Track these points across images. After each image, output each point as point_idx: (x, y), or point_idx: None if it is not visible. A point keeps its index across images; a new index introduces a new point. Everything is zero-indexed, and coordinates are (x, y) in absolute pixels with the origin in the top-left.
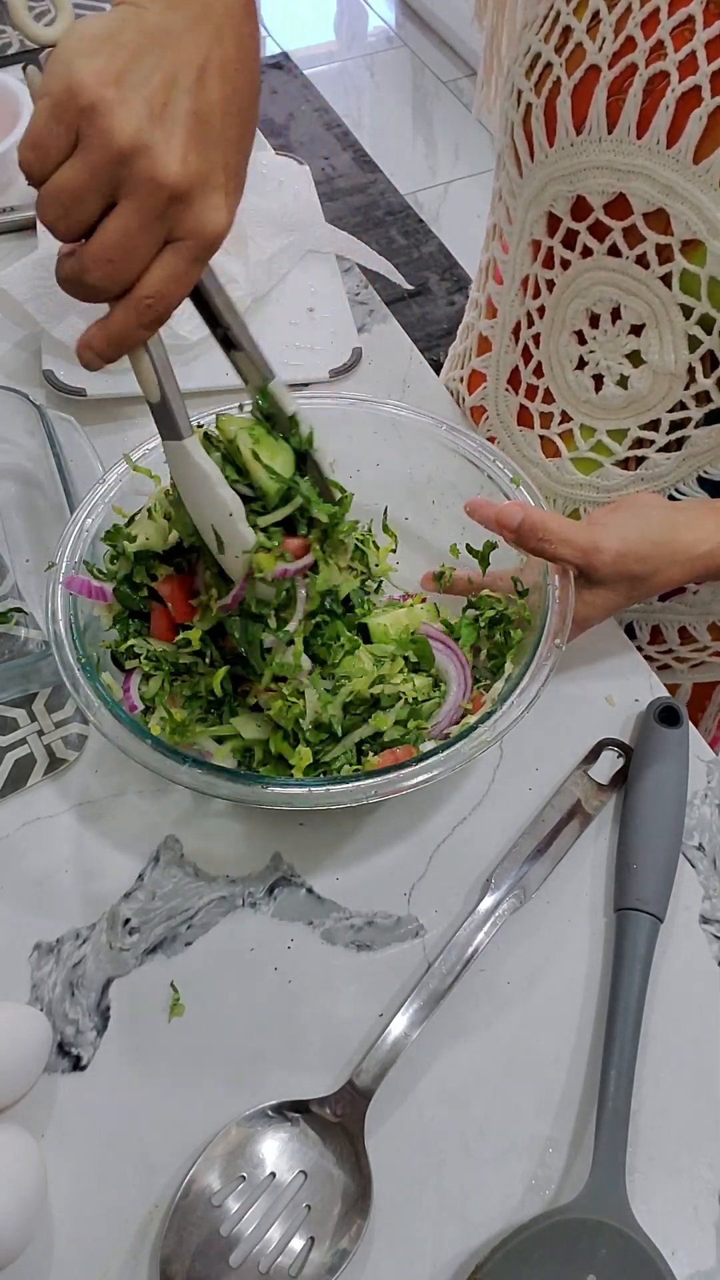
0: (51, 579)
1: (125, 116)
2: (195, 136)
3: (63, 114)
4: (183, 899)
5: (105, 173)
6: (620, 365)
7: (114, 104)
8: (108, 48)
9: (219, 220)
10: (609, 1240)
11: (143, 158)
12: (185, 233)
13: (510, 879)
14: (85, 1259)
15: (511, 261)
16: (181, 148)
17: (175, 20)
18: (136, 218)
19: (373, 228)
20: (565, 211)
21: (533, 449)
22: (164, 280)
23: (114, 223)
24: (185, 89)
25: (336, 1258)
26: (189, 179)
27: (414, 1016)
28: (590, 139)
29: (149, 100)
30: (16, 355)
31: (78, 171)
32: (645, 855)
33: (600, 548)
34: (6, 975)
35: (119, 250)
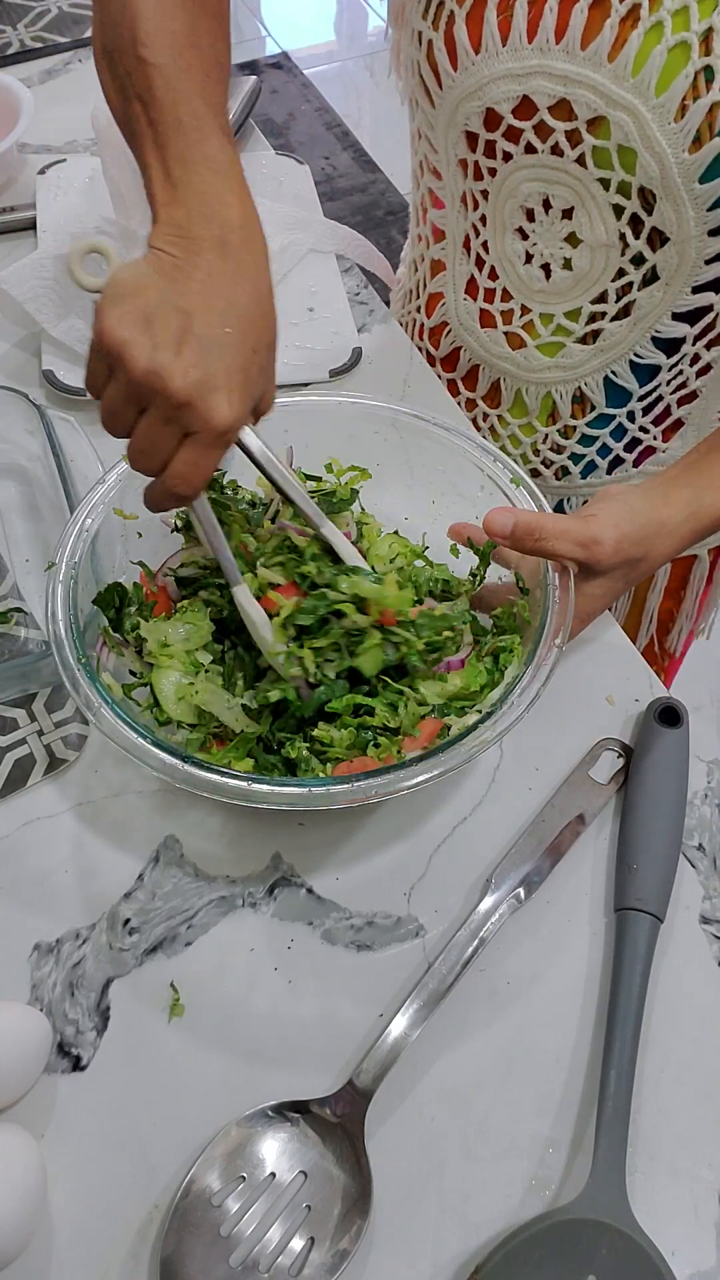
0: (51, 579)
1: (138, 351)
2: (198, 353)
3: (100, 353)
4: (183, 899)
5: (131, 393)
6: (561, 249)
7: (130, 342)
8: (129, 295)
9: (222, 414)
10: (609, 1240)
11: (153, 379)
12: (196, 428)
13: (510, 879)
14: (85, 1259)
15: (446, 185)
16: (182, 364)
17: (184, 257)
18: (155, 422)
19: (373, 228)
20: (479, 126)
21: (499, 346)
22: (184, 464)
23: (141, 426)
24: (191, 314)
25: (336, 1258)
26: (190, 387)
27: (414, 1016)
28: (488, 54)
29: (158, 333)
30: (16, 355)
31: (114, 394)
32: (645, 855)
33: (599, 539)
34: (6, 975)
35: (146, 445)
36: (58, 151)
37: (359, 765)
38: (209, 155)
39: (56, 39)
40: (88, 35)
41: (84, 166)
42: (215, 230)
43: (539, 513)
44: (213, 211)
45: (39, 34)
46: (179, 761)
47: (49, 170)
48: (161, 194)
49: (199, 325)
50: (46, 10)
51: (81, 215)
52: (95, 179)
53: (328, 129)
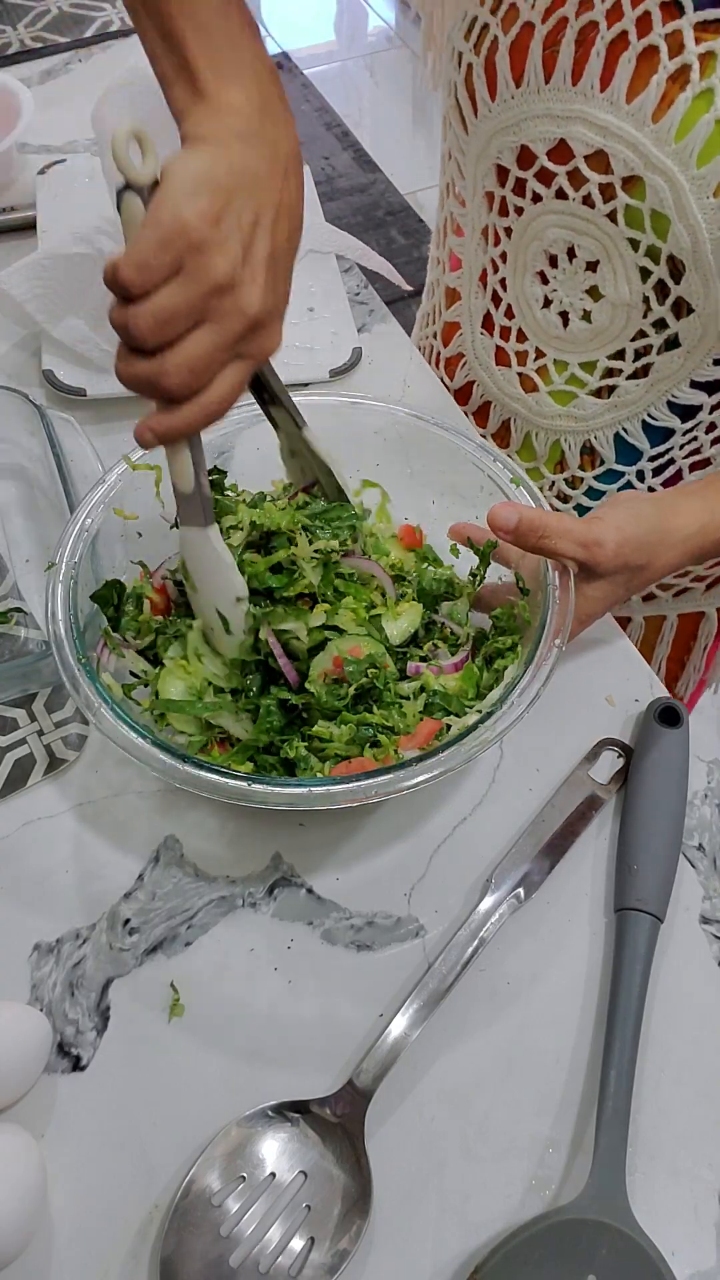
0: (51, 579)
1: (225, 256)
2: (271, 275)
3: (170, 246)
4: (183, 899)
5: (201, 301)
6: (581, 301)
7: (215, 244)
8: (208, 189)
9: (278, 343)
10: (609, 1240)
11: (234, 293)
12: (253, 353)
13: (510, 879)
14: (85, 1259)
15: (469, 214)
16: (262, 286)
17: (255, 160)
18: (221, 339)
19: (373, 228)
20: (512, 162)
21: (512, 386)
22: (230, 388)
23: (202, 341)
24: (266, 230)
25: (336, 1258)
26: (266, 311)
27: (414, 1016)
28: (529, 90)
29: (242, 242)
30: (16, 355)
31: (178, 296)
32: (645, 855)
33: (601, 541)
34: (6, 975)
35: (201, 363)
36: (58, 151)
37: (358, 765)
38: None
39: (56, 39)
40: (88, 35)
41: (84, 166)
42: (280, 139)
43: (543, 510)
44: (278, 116)
45: (39, 34)
46: (179, 762)
47: (49, 170)
48: (210, 79)
49: (274, 243)
50: (46, 10)
51: (81, 215)
52: (95, 179)
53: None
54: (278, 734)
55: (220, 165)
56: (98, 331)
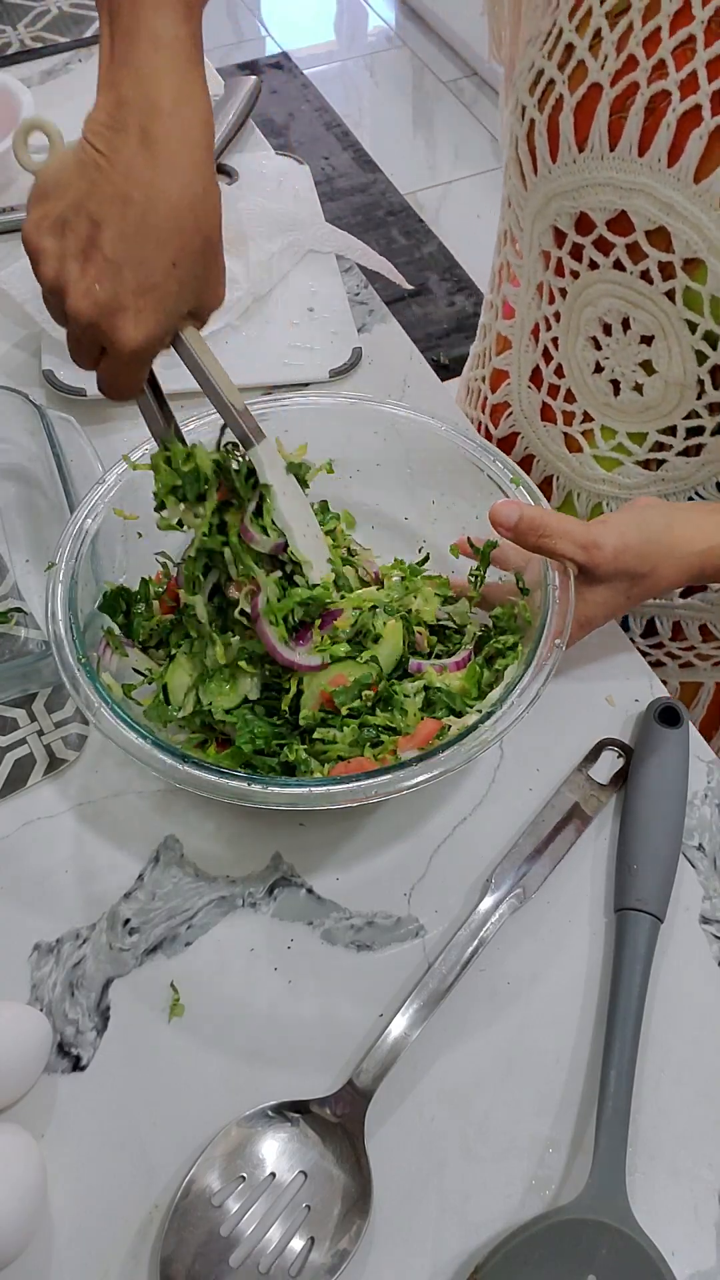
0: (51, 579)
1: (46, 262)
2: (101, 270)
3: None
4: (183, 899)
5: (50, 298)
6: (634, 373)
7: (41, 253)
8: (50, 195)
9: (127, 335)
10: (609, 1240)
11: (60, 295)
12: (107, 345)
13: (510, 879)
14: (85, 1259)
15: (525, 266)
16: (85, 284)
17: (107, 152)
18: (72, 333)
19: (373, 228)
20: (570, 226)
21: (556, 444)
22: (108, 376)
23: (67, 333)
24: (104, 223)
25: (336, 1258)
26: (91, 309)
27: (414, 1016)
28: (592, 156)
29: (68, 244)
30: (16, 355)
31: (43, 293)
32: (645, 855)
33: (599, 544)
34: (6, 975)
35: (73, 345)
36: None
37: (358, 765)
38: (154, 30)
39: (56, 39)
40: (88, 35)
41: None
42: (143, 120)
43: (545, 509)
44: (144, 95)
45: (39, 34)
46: (179, 761)
47: None
48: (103, 74)
49: (108, 237)
50: (46, 10)
51: None
52: None
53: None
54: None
55: (70, 167)
56: None
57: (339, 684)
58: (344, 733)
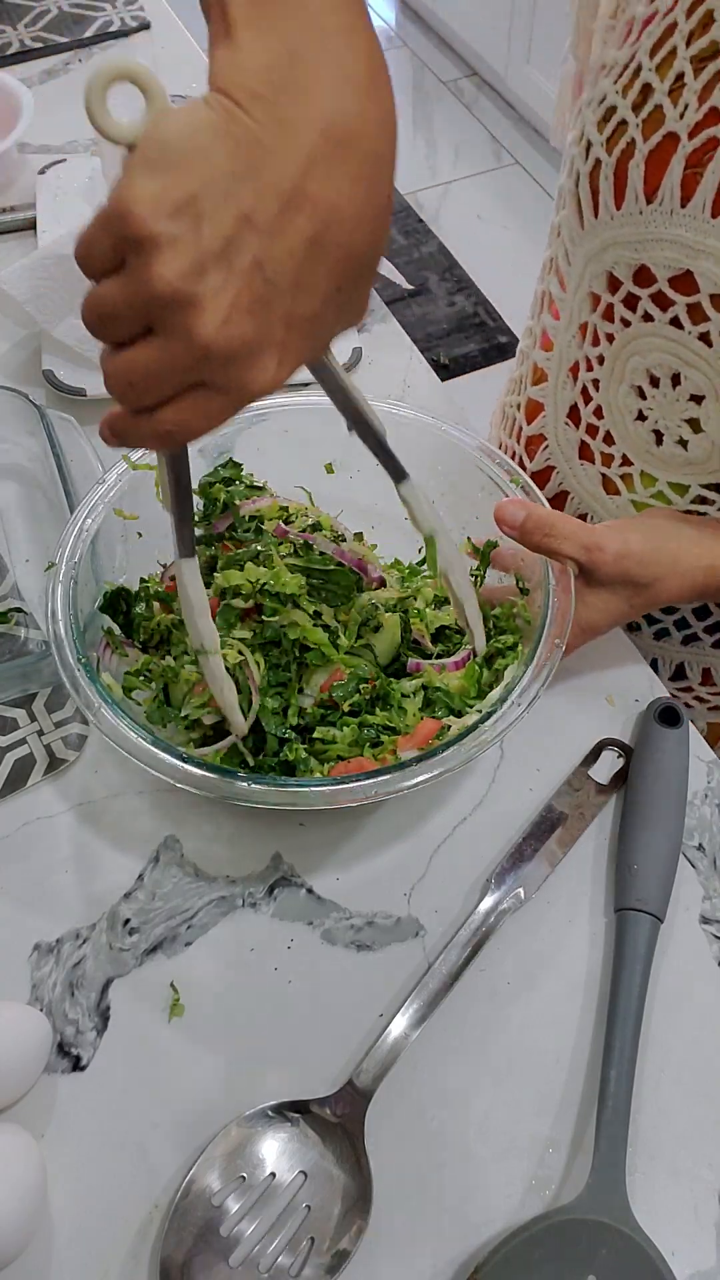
0: (51, 579)
1: (171, 261)
2: (252, 291)
3: (111, 232)
4: (183, 899)
5: (140, 308)
6: (680, 428)
7: (162, 244)
8: (176, 166)
9: (262, 380)
10: (609, 1241)
11: (181, 311)
12: (219, 385)
13: (510, 879)
14: (85, 1259)
15: (569, 302)
16: (228, 307)
17: (271, 126)
18: (164, 359)
19: None
20: (627, 276)
21: (593, 484)
22: (186, 417)
23: (141, 353)
24: (259, 227)
25: (336, 1258)
26: (228, 343)
27: (414, 1016)
28: (660, 210)
29: (206, 243)
30: (16, 355)
31: (114, 293)
32: (645, 855)
33: (602, 546)
34: (6, 975)
35: (140, 379)
36: (58, 151)
37: (358, 765)
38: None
39: (56, 39)
40: (88, 35)
41: (84, 166)
42: (327, 85)
43: (551, 510)
44: (328, 53)
45: (39, 34)
46: (179, 761)
47: (49, 170)
48: (241, 7)
49: (267, 247)
50: (46, 10)
51: (81, 215)
52: (95, 179)
53: None
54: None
55: (214, 134)
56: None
57: (337, 679)
58: (344, 732)
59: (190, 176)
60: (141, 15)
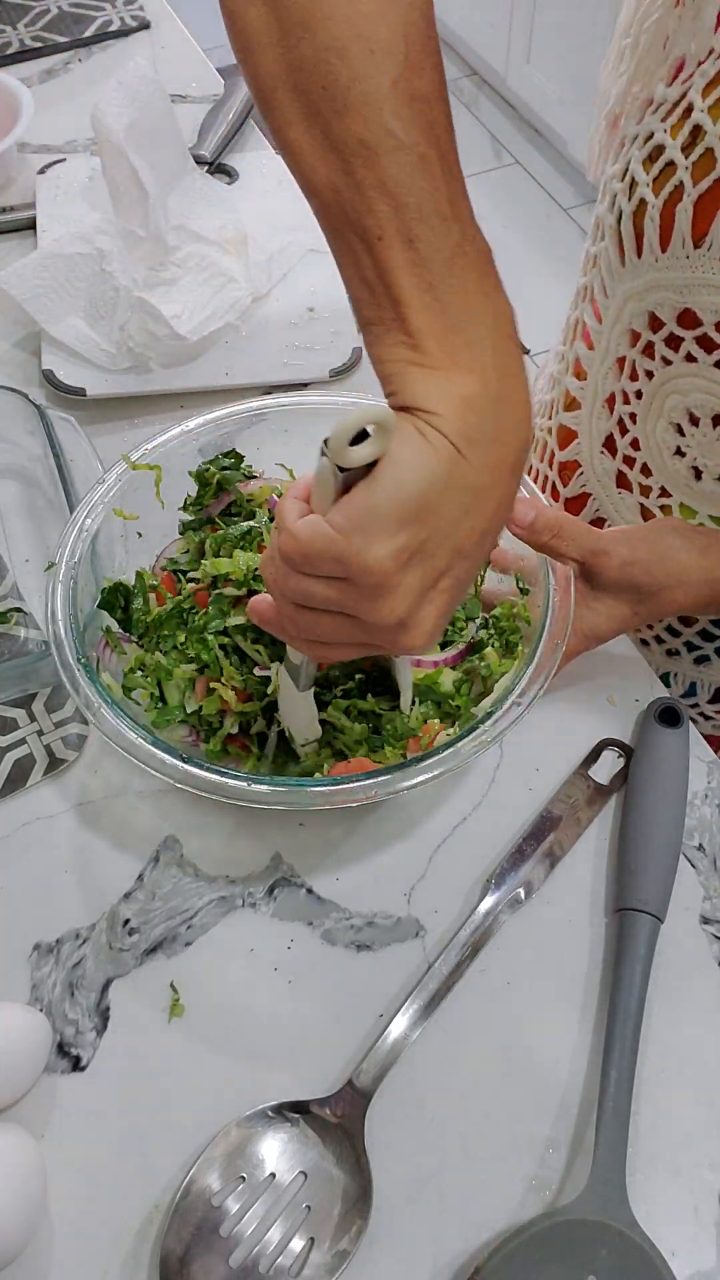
0: (51, 579)
1: (400, 600)
2: (450, 605)
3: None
4: (183, 899)
5: (349, 610)
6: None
7: (395, 589)
8: (415, 520)
9: (422, 645)
10: (609, 1240)
11: (398, 633)
12: (384, 645)
13: (510, 879)
14: (85, 1259)
15: (604, 335)
16: (434, 624)
17: (480, 470)
18: (348, 631)
19: None
20: (670, 318)
21: (632, 513)
22: (342, 655)
23: (329, 623)
24: (466, 556)
25: (336, 1258)
26: (425, 641)
27: (414, 1016)
28: (709, 255)
29: (426, 578)
30: (16, 355)
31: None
32: (645, 855)
33: (608, 552)
34: (6, 975)
35: (317, 636)
36: (58, 151)
37: (358, 765)
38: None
39: (56, 39)
40: (87, 35)
41: (84, 166)
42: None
43: (559, 511)
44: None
45: (39, 34)
46: (179, 761)
47: (49, 170)
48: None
49: (468, 569)
50: (46, 10)
51: (81, 215)
52: (95, 179)
53: None
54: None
55: (440, 485)
56: (97, 331)
57: None
58: (355, 728)
59: (425, 528)
60: (141, 15)
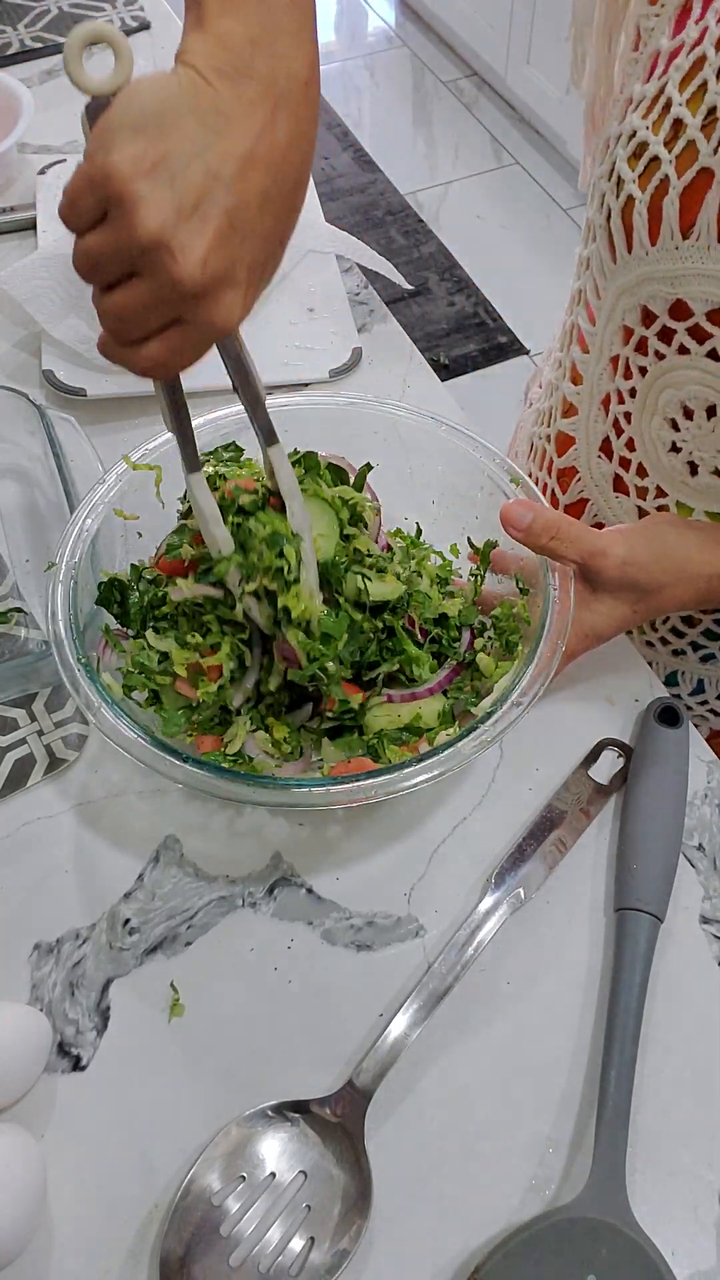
0: (51, 579)
1: (151, 212)
2: (221, 236)
3: (96, 190)
4: (183, 899)
5: (125, 255)
6: (715, 458)
7: (142, 198)
8: (151, 129)
9: (230, 316)
10: (609, 1240)
11: (162, 254)
12: (193, 321)
13: (510, 879)
14: (85, 1259)
15: (599, 336)
16: (204, 249)
17: (231, 99)
18: (146, 298)
19: (373, 228)
20: (662, 311)
21: (629, 517)
22: (164, 352)
23: (125, 294)
24: (224, 182)
25: (336, 1258)
26: (204, 280)
27: (414, 1016)
28: (697, 245)
29: (180, 196)
30: (16, 355)
31: (101, 243)
32: (645, 855)
33: (606, 552)
34: (6, 975)
35: (125, 316)
36: (58, 151)
37: (358, 765)
38: None
39: (56, 39)
40: None
41: None
42: (276, 72)
43: (556, 512)
44: (279, 46)
45: (39, 34)
46: (179, 761)
47: (49, 170)
48: (211, 3)
49: (233, 199)
50: (46, 10)
51: None
52: None
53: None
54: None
55: (181, 103)
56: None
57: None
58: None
59: (164, 140)
60: (141, 15)
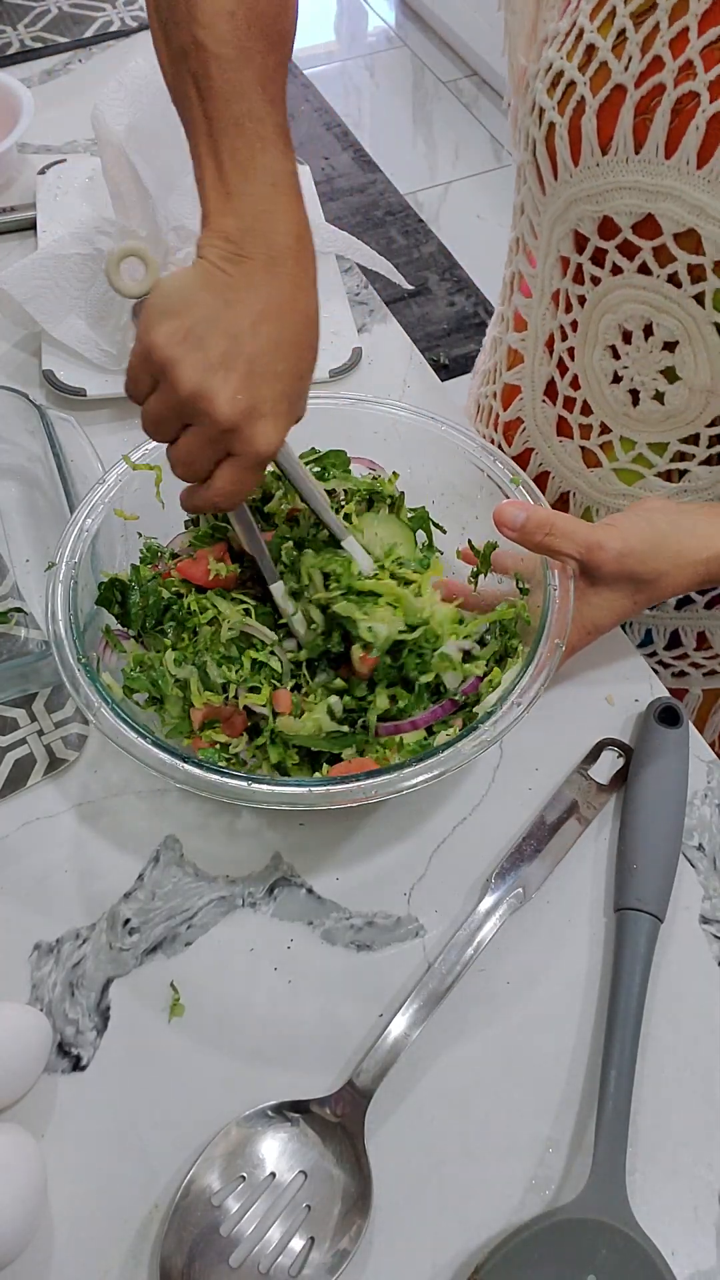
0: (51, 579)
1: (186, 371)
2: (244, 379)
3: (145, 365)
4: (183, 899)
5: (175, 409)
6: (655, 381)
7: (178, 361)
8: (179, 310)
9: (267, 441)
10: (609, 1240)
11: (201, 401)
12: (239, 451)
13: (510, 879)
14: (85, 1259)
15: (539, 275)
16: (232, 390)
17: (236, 276)
18: (198, 441)
19: (373, 228)
20: (592, 231)
21: (574, 459)
22: (225, 483)
23: (184, 441)
24: (240, 338)
25: (336, 1258)
26: (236, 415)
27: (414, 1016)
28: (616, 159)
29: (208, 355)
30: (16, 355)
31: (157, 404)
32: (645, 855)
33: (603, 545)
34: (6, 975)
35: (187, 460)
36: (58, 151)
37: (358, 765)
38: (268, 166)
39: (56, 39)
40: (88, 35)
41: (84, 166)
42: (268, 249)
43: (551, 509)
44: (268, 228)
45: (39, 34)
46: (179, 761)
47: (49, 170)
48: (215, 200)
49: (249, 350)
50: (46, 10)
51: (81, 215)
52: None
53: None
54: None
55: (200, 284)
56: (98, 331)
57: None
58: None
59: (189, 315)
60: (141, 15)
